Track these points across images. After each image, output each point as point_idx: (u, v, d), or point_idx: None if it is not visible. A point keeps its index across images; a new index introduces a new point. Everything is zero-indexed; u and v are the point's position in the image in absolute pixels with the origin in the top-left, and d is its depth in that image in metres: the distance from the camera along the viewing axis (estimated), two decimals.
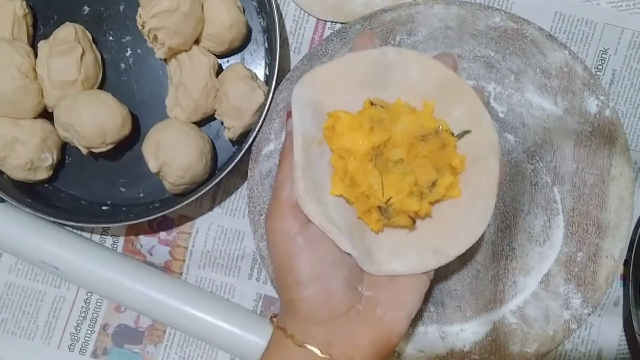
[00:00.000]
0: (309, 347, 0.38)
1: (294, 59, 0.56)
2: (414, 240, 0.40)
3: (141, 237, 0.57)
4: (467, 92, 0.40)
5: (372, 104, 0.39)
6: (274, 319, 0.42)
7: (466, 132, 0.40)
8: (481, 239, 0.47)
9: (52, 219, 0.53)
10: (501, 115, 0.52)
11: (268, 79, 0.53)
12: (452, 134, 0.40)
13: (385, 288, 0.40)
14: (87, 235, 0.57)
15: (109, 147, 0.52)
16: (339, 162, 0.39)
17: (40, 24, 0.57)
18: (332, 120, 0.39)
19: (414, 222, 0.39)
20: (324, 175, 0.40)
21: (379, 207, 0.39)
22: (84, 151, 0.52)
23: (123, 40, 0.56)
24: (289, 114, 0.39)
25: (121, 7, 0.56)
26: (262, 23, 0.56)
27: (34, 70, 0.52)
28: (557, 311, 0.50)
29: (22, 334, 0.57)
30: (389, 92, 0.40)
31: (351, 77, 0.40)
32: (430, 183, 0.39)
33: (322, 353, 0.38)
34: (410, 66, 0.40)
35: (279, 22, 0.51)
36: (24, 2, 0.54)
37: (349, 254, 0.39)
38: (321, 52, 0.52)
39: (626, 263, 0.54)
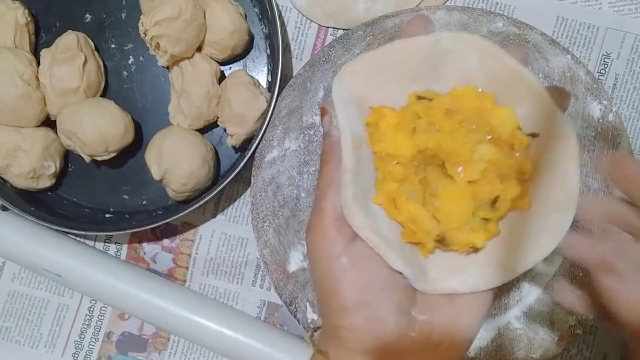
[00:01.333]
0: None
1: (296, 66, 0.56)
2: (474, 255, 0.35)
3: (144, 244, 0.57)
4: (535, 89, 0.34)
5: (419, 98, 0.34)
6: (314, 338, 0.37)
7: (535, 134, 0.34)
8: None
9: (55, 227, 0.53)
10: None
11: (270, 86, 0.53)
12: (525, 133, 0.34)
13: (442, 311, 0.35)
14: (91, 243, 0.57)
15: (112, 154, 0.52)
16: (382, 165, 0.34)
17: (42, 32, 0.57)
18: (376, 116, 0.34)
19: (477, 249, 0.34)
20: (373, 182, 0.35)
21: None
22: (87, 159, 0.52)
23: (125, 47, 0.56)
24: (324, 111, 0.34)
25: (123, 15, 0.56)
26: (264, 30, 0.56)
27: (37, 78, 0.52)
28: (562, 316, 0.50)
29: (26, 342, 0.57)
30: (442, 85, 0.35)
31: (399, 68, 0.35)
32: (494, 197, 0.33)
33: None
34: (469, 55, 0.34)
35: (281, 28, 0.51)
36: (26, 10, 0.54)
37: (400, 272, 0.33)
38: (323, 59, 0.52)
39: None
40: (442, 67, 0.35)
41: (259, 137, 0.50)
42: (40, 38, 0.57)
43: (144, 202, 0.56)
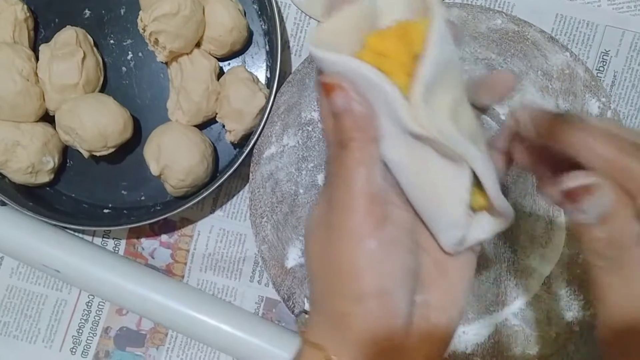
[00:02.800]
0: None
1: (295, 62, 0.56)
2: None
3: (143, 240, 0.57)
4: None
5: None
6: (301, 324, 0.35)
7: None
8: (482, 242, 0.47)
9: (53, 222, 0.53)
10: (502, 117, 0.52)
11: (269, 82, 0.53)
12: None
13: (437, 286, 0.33)
14: (89, 238, 0.57)
15: (111, 150, 0.52)
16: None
17: (41, 28, 0.57)
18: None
19: None
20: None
21: None
22: (86, 154, 0.52)
23: (124, 43, 0.56)
24: (332, 87, 0.30)
25: (122, 11, 0.56)
26: (263, 26, 0.56)
27: (35, 74, 0.52)
28: (559, 313, 0.50)
29: (24, 337, 0.57)
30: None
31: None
32: None
33: None
34: None
35: (280, 25, 0.51)
36: (25, 6, 0.54)
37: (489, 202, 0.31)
38: None
39: None
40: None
41: (258, 133, 0.51)
42: (39, 34, 0.57)
43: (143, 198, 0.56)
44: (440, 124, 0.29)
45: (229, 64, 0.56)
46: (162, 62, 0.53)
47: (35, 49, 0.55)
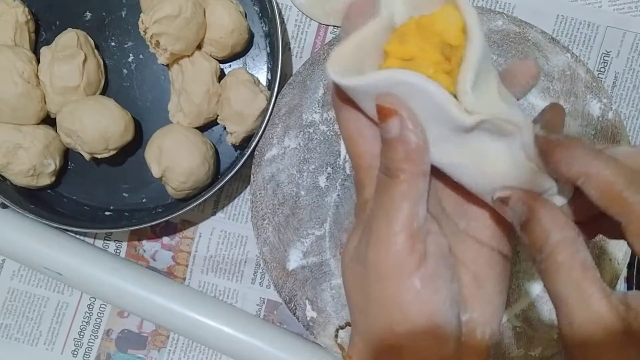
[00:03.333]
0: None
1: (296, 64, 0.56)
2: None
3: (144, 242, 0.57)
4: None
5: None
6: (343, 350, 0.34)
7: None
8: None
9: (55, 224, 0.53)
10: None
11: (270, 84, 0.53)
12: None
13: (476, 299, 0.32)
14: (90, 240, 0.57)
15: (112, 152, 0.52)
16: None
17: (42, 30, 0.57)
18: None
19: None
20: None
21: None
22: (87, 157, 0.52)
23: (125, 45, 0.56)
24: (390, 112, 0.28)
25: (123, 13, 0.56)
26: (264, 28, 0.56)
27: (37, 76, 0.52)
28: None
29: (26, 339, 0.57)
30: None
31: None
32: None
33: None
34: None
35: (280, 27, 0.51)
36: (26, 9, 0.54)
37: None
38: (323, 57, 0.52)
39: (630, 266, 0.54)
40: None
41: (259, 135, 0.51)
42: (40, 36, 0.57)
43: (144, 200, 0.56)
44: (492, 105, 0.29)
45: (230, 65, 0.56)
46: (163, 64, 0.53)
47: (36, 51, 0.55)
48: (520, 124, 0.29)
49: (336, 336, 0.35)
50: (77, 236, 0.57)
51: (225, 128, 0.54)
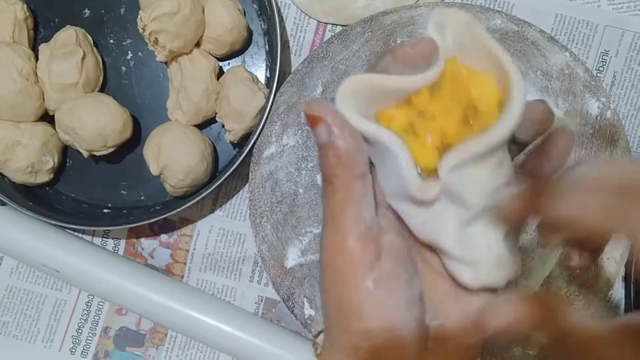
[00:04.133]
0: None
1: (295, 62, 0.56)
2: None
3: (142, 239, 0.57)
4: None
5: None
6: (317, 345, 0.34)
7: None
8: None
9: (53, 222, 0.53)
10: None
11: (269, 82, 0.53)
12: None
13: (453, 308, 0.32)
14: (89, 238, 0.57)
15: (110, 150, 0.52)
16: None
17: (41, 27, 0.57)
18: (386, 121, 0.31)
19: None
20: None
21: None
22: (85, 154, 0.52)
23: (124, 43, 0.56)
24: (316, 119, 0.29)
25: (122, 10, 0.56)
26: (262, 26, 0.56)
27: (35, 73, 0.52)
28: None
29: (24, 337, 0.57)
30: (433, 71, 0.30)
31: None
32: None
33: None
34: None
35: (279, 24, 0.51)
36: (25, 6, 0.54)
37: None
38: (322, 55, 0.52)
39: (628, 265, 0.54)
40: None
41: (257, 133, 0.51)
42: (39, 33, 0.57)
43: (142, 198, 0.56)
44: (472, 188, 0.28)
45: (229, 63, 0.56)
46: (161, 62, 0.53)
47: (34, 48, 0.55)
48: (475, 207, 0.29)
49: (316, 337, 0.35)
50: (76, 233, 0.57)
51: (223, 126, 0.54)
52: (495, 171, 0.29)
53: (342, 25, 0.56)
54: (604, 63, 0.55)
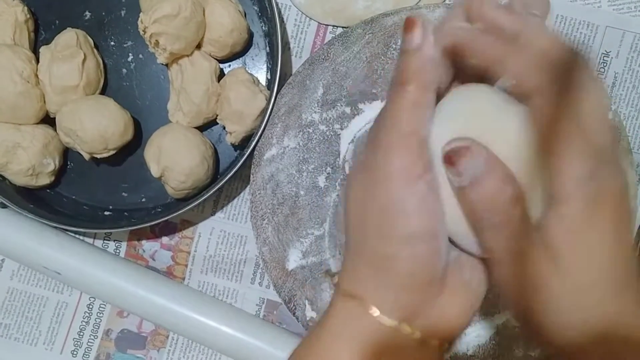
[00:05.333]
0: (392, 322, 0.30)
1: (296, 63, 0.56)
2: None
3: (143, 242, 0.57)
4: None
5: None
6: (332, 278, 0.34)
7: None
8: None
9: (54, 224, 0.53)
10: None
11: (270, 84, 0.53)
12: None
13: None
14: (90, 240, 0.57)
15: (111, 152, 0.52)
16: None
17: (41, 30, 0.57)
18: None
19: None
20: None
21: None
22: (86, 157, 0.52)
23: (124, 45, 0.56)
24: (413, 22, 0.30)
25: (122, 12, 0.56)
26: (263, 27, 0.56)
27: (36, 75, 0.52)
28: None
29: (25, 339, 0.57)
30: None
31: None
32: None
33: (410, 328, 0.30)
34: None
35: (280, 26, 0.51)
36: (26, 8, 0.54)
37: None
38: (323, 56, 0.52)
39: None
40: None
41: (258, 134, 0.51)
42: (40, 35, 0.57)
43: (143, 200, 0.56)
44: None
45: (230, 65, 0.56)
46: (162, 64, 0.53)
47: (35, 50, 0.55)
48: None
49: (328, 274, 0.35)
50: (77, 236, 0.57)
51: (224, 128, 0.54)
52: None
53: (342, 27, 0.56)
54: (604, 64, 0.55)
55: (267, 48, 0.56)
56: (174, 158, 0.51)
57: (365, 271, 0.31)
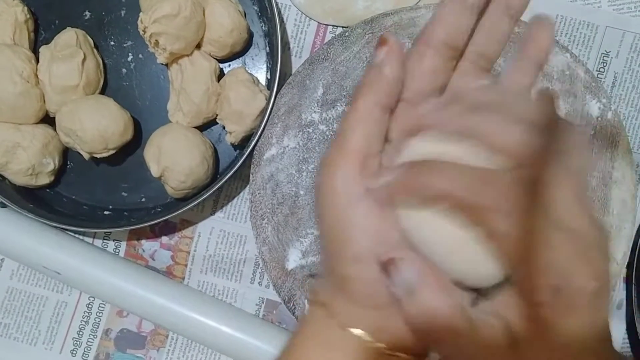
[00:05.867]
0: (358, 332, 0.30)
1: (296, 63, 0.56)
2: None
3: (143, 241, 0.57)
4: None
5: None
6: (312, 288, 0.33)
7: None
8: None
9: (54, 224, 0.53)
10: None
11: (269, 83, 0.53)
12: None
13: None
14: (89, 240, 0.57)
15: (111, 152, 0.52)
16: None
17: (41, 29, 0.57)
18: None
19: None
20: None
21: None
22: (86, 156, 0.52)
23: (124, 45, 0.56)
24: (384, 41, 0.30)
25: (122, 12, 0.56)
26: (263, 27, 0.56)
27: (36, 75, 0.52)
28: None
29: (25, 339, 0.57)
30: None
31: None
32: None
33: (374, 340, 0.30)
34: None
35: (280, 26, 0.51)
36: (26, 8, 0.54)
37: None
38: (322, 56, 0.52)
39: (629, 266, 0.54)
40: None
41: (258, 134, 0.51)
42: (40, 35, 0.57)
43: (143, 200, 0.56)
44: None
45: (229, 65, 0.56)
46: (162, 64, 0.53)
47: (35, 50, 0.55)
48: None
49: (308, 283, 0.35)
50: (76, 235, 0.57)
51: (224, 127, 0.54)
52: None
53: (342, 27, 0.56)
54: (604, 64, 0.55)
55: (267, 48, 0.56)
56: (174, 158, 0.51)
57: (331, 288, 0.31)
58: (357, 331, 0.30)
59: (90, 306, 0.57)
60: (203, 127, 0.55)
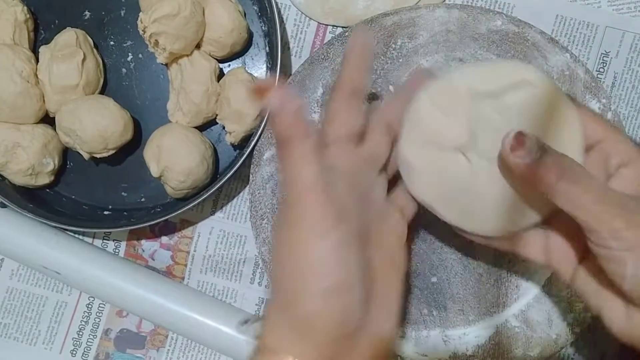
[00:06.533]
0: None
1: (295, 63, 0.56)
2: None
3: (143, 241, 0.57)
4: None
5: None
6: (257, 334, 0.34)
7: None
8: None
9: (53, 224, 0.53)
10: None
11: None
12: None
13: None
14: (89, 240, 0.57)
15: (111, 152, 0.52)
16: None
17: (41, 29, 0.57)
18: None
19: None
20: None
21: None
22: (86, 156, 0.52)
23: (124, 45, 0.56)
24: (261, 90, 0.32)
25: (122, 12, 0.56)
26: (263, 27, 0.56)
27: (35, 75, 0.52)
28: (560, 314, 0.50)
29: (24, 339, 0.57)
30: None
31: None
32: None
33: None
34: None
35: (280, 26, 0.51)
36: (25, 7, 0.54)
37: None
38: (322, 56, 0.52)
39: None
40: None
41: (258, 134, 0.51)
42: (39, 35, 0.57)
43: (143, 200, 0.56)
44: None
45: (229, 65, 0.56)
46: (162, 64, 0.53)
47: (35, 50, 0.55)
48: None
49: (248, 327, 0.36)
50: (76, 235, 0.57)
51: (224, 127, 0.54)
52: None
53: (342, 27, 0.56)
54: (604, 64, 0.55)
55: (267, 48, 0.56)
56: (174, 158, 0.51)
57: (286, 326, 0.31)
58: None
59: (90, 306, 0.57)
60: (203, 127, 0.55)
